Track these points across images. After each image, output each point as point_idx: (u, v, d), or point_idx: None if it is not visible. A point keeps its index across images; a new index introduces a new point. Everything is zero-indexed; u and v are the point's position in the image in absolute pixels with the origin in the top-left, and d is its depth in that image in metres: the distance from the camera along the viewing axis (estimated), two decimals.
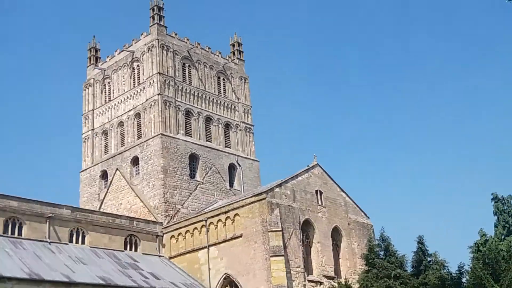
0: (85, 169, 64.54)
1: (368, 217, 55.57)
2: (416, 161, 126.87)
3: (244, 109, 67.03)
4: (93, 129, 65.24)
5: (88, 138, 65.42)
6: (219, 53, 67.64)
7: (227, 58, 68.27)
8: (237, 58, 69.16)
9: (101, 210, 57.97)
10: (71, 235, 48.41)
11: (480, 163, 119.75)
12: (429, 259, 44.44)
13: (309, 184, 51.65)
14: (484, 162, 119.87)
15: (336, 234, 52.21)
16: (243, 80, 68.29)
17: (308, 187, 51.43)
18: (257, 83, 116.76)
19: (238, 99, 66.97)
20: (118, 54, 65.87)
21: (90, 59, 68.64)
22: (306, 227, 49.98)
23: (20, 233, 45.58)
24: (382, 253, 46.75)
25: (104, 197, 60.98)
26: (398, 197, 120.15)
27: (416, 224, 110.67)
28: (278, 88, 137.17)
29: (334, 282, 48.12)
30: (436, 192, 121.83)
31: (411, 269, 44.54)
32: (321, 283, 48.41)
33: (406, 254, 45.66)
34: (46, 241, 46.24)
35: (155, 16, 62.46)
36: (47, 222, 46.85)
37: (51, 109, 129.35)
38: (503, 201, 60.28)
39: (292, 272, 46.14)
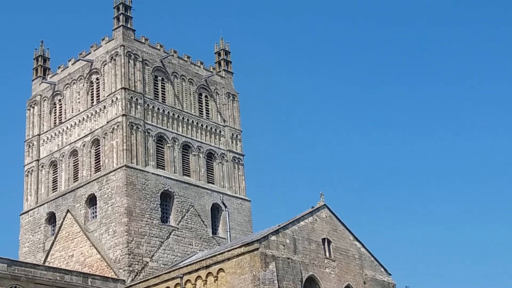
0: (27, 211, 63.86)
1: (390, 274, 54.88)
2: (454, 202, 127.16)
3: (232, 134, 66.83)
4: (38, 160, 64.82)
5: (32, 171, 64.89)
6: (201, 63, 67.51)
7: (211, 69, 68.18)
8: (224, 70, 69.09)
9: (47, 263, 57.23)
10: None
11: None
12: None
13: (314, 230, 50.87)
14: None
15: None
16: (231, 98, 68.27)
17: (313, 234, 50.67)
18: (249, 102, 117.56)
19: (224, 121, 66.82)
20: (72, 64, 65.68)
21: (36, 70, 68.44)
22: (311, 286, 49.12)
23: None
24: None
25: (50, 247, 60.26)
26: (427, 249, 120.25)
27: (452, 283, 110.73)
28: (275, 109, 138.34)
29: None
30: (477, 244, 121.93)
31: None
32: None
33: None
34: None
35: (121, 17, 62.38)
36: None
37: None
38: None
39: None
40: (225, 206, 62.85)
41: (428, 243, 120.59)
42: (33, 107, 67.09)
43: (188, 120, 63.79)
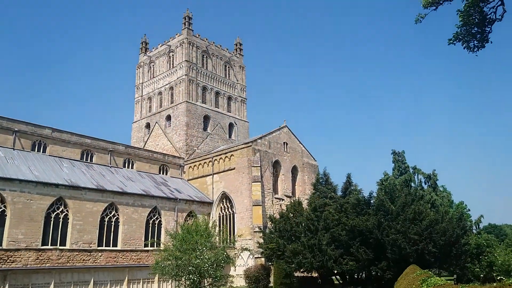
0: (136, 121, 64.26)
1: (316, 160, 55.10)
2: (352, 124, 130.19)
3: (241, 88, 66.31)
4: (141, 96, 64.87)
5: (138, 101, 65.13)
6: (227, 49, 66.79)
7: (232, 53, 67.35)
8: (238, 54, 68.16)
9: (145, 148, 57.99)
10: (124, 163, 48.67)
11: (389, 129, 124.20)
12: (352, 187, 43.46)
13: (279, 138, 51.16)
14: (391, 129, 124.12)
15: (294, 170, 52.10)
16: (241, 68, 67.49)
17: (279, 140, 50.97)
18: (251, 70, 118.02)
19: (237, 80, 66.19)
20: (160, 46, 65.47)
21: (141, 49, 68.04)
22: (276, 165, 50.03)
23: (91, 160, 46.02)
24: (323, 182, 45.85)
25: (147, 140, 61.12)
26: (338, 148, 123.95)
27: (347, 166, 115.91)
28: (266, 73, 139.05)
29: (291, 199, 48.41)
30: (361, 146, 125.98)
31: (341, 193, 43.67)
32: (282, 199, 49.05)
33: (338, 184, 45.23)
34: (108, 166, 46.74)
35: (186, 23, 61.84)
36: (109, 154, 47.24)
37: (117, 81, 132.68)
38: (398, 154, 63.30)
39: (265, 192, 46.64)
40: (236, 124, 62.78)
41: (341, 145, 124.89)
42: (139, 68, 66.52)
43: (218, 79, 62.85)
